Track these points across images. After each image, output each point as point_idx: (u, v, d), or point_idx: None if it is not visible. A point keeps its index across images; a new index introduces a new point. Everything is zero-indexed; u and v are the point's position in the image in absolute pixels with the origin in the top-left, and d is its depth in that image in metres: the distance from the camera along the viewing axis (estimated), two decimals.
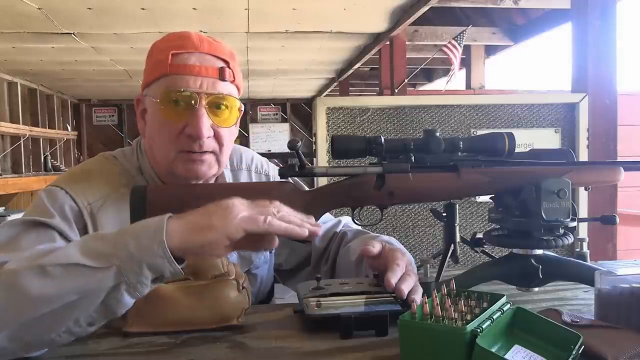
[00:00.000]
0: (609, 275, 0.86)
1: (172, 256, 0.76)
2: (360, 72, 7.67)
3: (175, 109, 1.02)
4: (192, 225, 0.79)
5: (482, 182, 0.98)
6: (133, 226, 0.80)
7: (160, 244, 0.75)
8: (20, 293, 0.73)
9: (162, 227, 0.77)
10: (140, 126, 1.12)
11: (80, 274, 0.74)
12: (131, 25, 4.58)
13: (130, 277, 0.75)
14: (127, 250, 0.75)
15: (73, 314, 0.76)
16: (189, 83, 1.01)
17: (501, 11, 5.66)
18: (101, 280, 0.75)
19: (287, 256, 1.28)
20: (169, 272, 0.77)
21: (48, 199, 1.01)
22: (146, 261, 0.75)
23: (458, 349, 0.67)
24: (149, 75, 1.07)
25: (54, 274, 0.74)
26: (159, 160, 1.08)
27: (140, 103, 1.11)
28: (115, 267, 0.75)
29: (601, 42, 2.02)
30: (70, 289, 0.74)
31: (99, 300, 0.76)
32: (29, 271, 0.75)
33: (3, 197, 5.47)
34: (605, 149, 1.99)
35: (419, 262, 1.06)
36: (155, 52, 1.07)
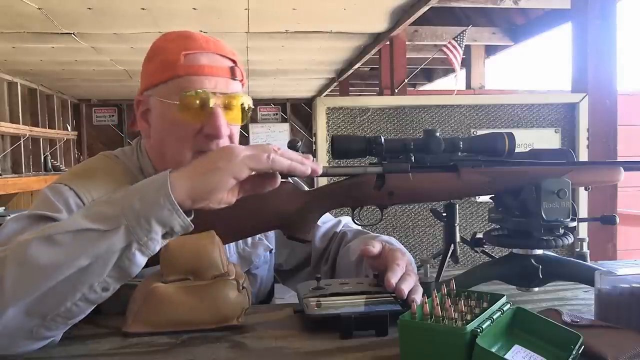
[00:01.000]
0: (609, 275, 0.86)
1: (180, 208, 0.77)
2: (360, 72, 7.67)
3: (192, 110, 1.01)
4: (196, 170, 0.80)
5: (482, 182, 0.98)
6: (136, 185, 0.80)
7: (166, 196, 0.76)
8: (31, 264, 0.73)
9: (166, 180, 0.78)
10: (142, 127, 1.10)
11: (89, 238, 0.75)
12: (131, 25, 4.58)
13: (140, 235, 0.76)
14: (133, 209, 0.76)
15: (87, 280, 0.75)
16: (204, 83, 1.02)
17: (501, 11, 5.66)
18: (111, 242, 0.75)
19: (287, 256, 1.28)
20: (179, 225, 0.78)
21: (53, 195, 1.01)
22: (154, 216, 0.76)
23: (458, 349, 0.67)
24: (156, 76, 1.05)
25: (62, 241, 0.74)
26: (169, 161, 1.07)
27: (141, 104, 1.10)
28: (123, 227, 0.75)
29: (601, 42, 2.03)
30: (81, 254, 0.74)
31: (111, 262, 0.76)
32: (37, 241, 0.75)
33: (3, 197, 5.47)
34: (605, 149, 1.99)
35: (419, 262, 1.06)
36: (161, 53, 1.06)
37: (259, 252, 1.20)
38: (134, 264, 0.77)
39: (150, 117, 1.09)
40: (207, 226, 0.90)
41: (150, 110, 1.08)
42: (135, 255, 0.77)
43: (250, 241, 1.20)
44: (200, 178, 0.80)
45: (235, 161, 0.80)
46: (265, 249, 1.23)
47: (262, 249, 1.21)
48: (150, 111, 1.08)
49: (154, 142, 1.09)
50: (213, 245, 0.90)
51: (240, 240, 1.17)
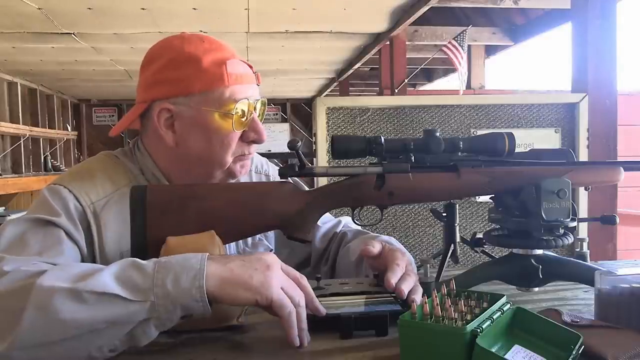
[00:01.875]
0: (609, 275, 0.86)
1: (207, 301, 0.77)
2: (360, 72, 7.67)
3: (240, 119, 1.04)
4: (232, 277, 0.80)
5: (482, 182, 0.98)
6: (173, 262, 0.79)
7: (199, 289, 0.76)
8: (52, 314, 0.73)
9: (203, 271, 0.77)
10: (166, 135, 1.05)
11: (114, 303, 0.74)
12: (131, 25, 4.58)
13: (162, 313, 0.76)
14: (164, 288, 0.76)
15: (98, 341, 0.75)
16: (247, 92, 1.05)
17: (501, 11, 5.66)
18: (133, 313, 0.75)
19: (287, 256, 1.28)
20: (199, 312, 0.78)
21: (52, 198, 1.00)
22: (181, 302, 0.76)
23: (458, 349, 0.67)
24: (194, 84, 1.01)
25: (88, 300, 0.74)
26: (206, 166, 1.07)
27: (164, 111, 1.04)
28: (150, 302, 0.75)
29: (601, 42, 2.03)
30: (102, 317, 0.74)
31: (126, 330, 0.76)
32: (63, 293, 0.74)
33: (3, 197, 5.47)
34: (605, 149, 1.99)
35: (419, 262, 1.06)
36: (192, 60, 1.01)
37: (258, 252, 1.20)
38: (146, 335, 0.78)
39: (178, 125, 1.04)
40: (207, 226, 0.90)
41: (180, 118, 1.04)
42: (151, 329, 0.77)
43: (250, 241, 1.19)
44: (232, 290, 0.79)
45: (268, 289, 0.80)
46: (265, 249, 1.22)
47: (261, 249, 1.21)
48: (180, 119, 1.04)
49: (184, 151, 1.05)
50: (213, 245, 0.90)
51: (241, 240, 1.17)
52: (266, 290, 0.79)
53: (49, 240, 0.93)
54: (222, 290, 0.79)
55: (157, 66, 1.04)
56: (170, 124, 1.05)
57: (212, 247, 0.90)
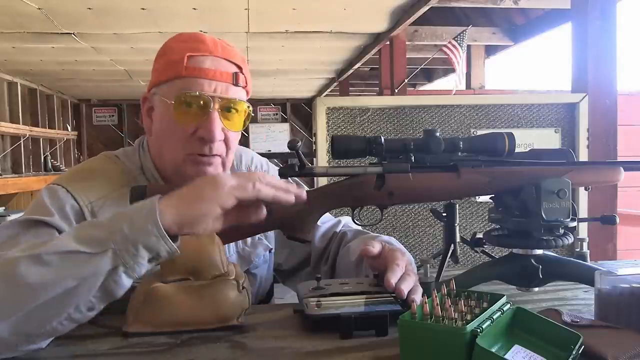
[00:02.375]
0: (609, 275, 0.86)
1: (166, 234, 0.78)
2: (360, 72, 7.67)
3: (189, 112, 1.03)
4: (184, 199, 0.82)
5: (482, 182, 0.98)
6: (125, 210, 0.81)
7: (154, 224, 0.77)
8: (18, 282, 0.74)
9: (155, 207, 0.78)
10: (146, 124, 1.12)
11: (77, 260, 0.75)
12: (131, 25, 4.58)
13: (127, 259, 0.76)
14: (121, 234, 0.76)
15: (73, 300, 0.76)
16: (203, 87, 1.02)
17: (501, 11, 5.66)
18: (98, 265, 0.75)
19: (287, 256, 1.28)
20: (165, 251, 0.79)
21: (49, 197, 1.02)
22: (141, 242, 0.77)
23: (458, 349, 0.67)
24: (161, 74, 1.06)
25: (50, 262, 0.75)
26: (166, 160, 1.08)
27: (147, 101, 1.11)
28: (111, 250, 0.76)
29: (601, 42, 2.02)
30: (68, 275, 0.75)
31: (97, 284, 0.76)
32: (25, 260, 0.75)
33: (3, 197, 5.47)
34: (605, 149, 1.99)
35: (419, 262, 1.06)
36: (169, 52, 1.07)
37: (258, 251, 1.21)
38: (119, 286, 0.78)
39: (153, 114, 1.10)
40: None
41: (154, 108, 1.09)
42: (122, 277, 0.77)
43: (249, 241, 1.20)
44: (187, 207, 0.81)
45: (222, 191, 0.82)
46: (265, 249, 1.23)
47: (261, 248, 1.21)
48: (154, 109, 1.10)
49: (154, 140, 1.11)
50: (213, 245, 0.90)
51: (240, 240, 1.17)
52: (221, 191, 0.81)
53: (40, 240, 0.93)
54: (180, 215, 0.80)
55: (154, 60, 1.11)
56: (150, 115, 1.10)
57: (212, 247, 0.90)
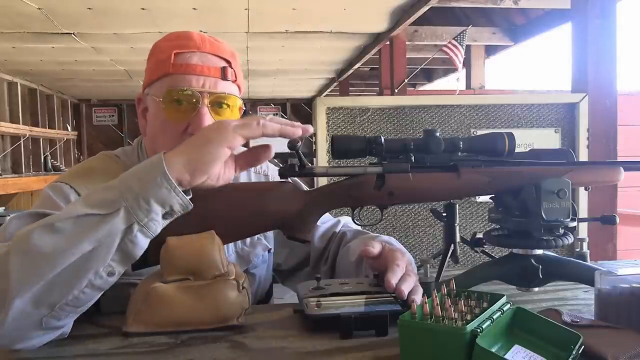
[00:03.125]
0: (609, 275, 0.86)
1: (177, 185, 0.78)
2: (360, 72, 7.67)
3: (178, 108, 1.03)
4: (190, 145, 0.82)
5: (482, 182, 0.98)
6: (133, 168, 0.81)
7: (163, 175, 0.77)
8: (35, 252, 0.73)
9: (161, 159, 0.78)
10: (142, 125, 1.12)
11: (90, 223, 0.75)
12: (131, 25, 4.58)
13: (140, 215, 0.76)
14: (132, 190, 0.76)
15: (91, 265, 0.76)
16: (191, 82, 1.02)
17: (501, 11, 5.66)
18: (112, 225, 0.75)
19: (286, 256, 1.28)
20: (178, 204, 0.79)
21: (54, 193, 1.03)
22: (153, 196, 0.76)
23: (458, 349, 0.67)
24: (151, 74, 1.07)
25: (64, 228, 0.75)
26: None
27: (141, 102, 1.12)
28: (123, 209, 0.75)
29: (601, 42, 2.02)
30: (83, 239, 0.74)
31: (114, 246, 0.76)
32: (39, 230, 0.75)
33: (3, 197, 5.47)
34: (605, 149, 1.99)
35: (419, 262, 1.06)
36: (157, 52, 1.08)
37: (257, 251, 1.21)
38: (136, 245, 0.78)
39: (147, 115, 1.10)
40: (207, 226, 0.90)
41: (148, 108, 1.10)
42: (137, 236, 0.77)
43: (248, 241, 1.20)
44: (195, 151, 0.81)
45: (227, 131, 0.82)
46: (264, 249, 1.23)
47: (260, 248, 1.21)
48: (148, 109, 1.10)
49: (149, 140, 1.11)
50: (213, 245, 0.90)
51: (240, 240, 1.17)
52: (226, 132, 0.81)
53: None
54: (189, 163, 0.80)
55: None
56: (145, 115, 1.11)
57: (212, 247, 0.90)
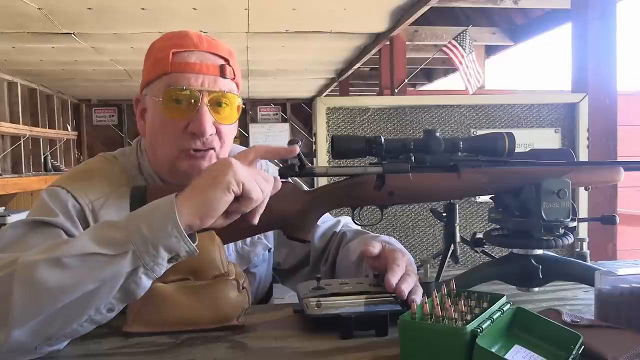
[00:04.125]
0: (609, 275, 0.86)
1: (186, 234, 0.77)
2: (360, 72, 7.66)
3: (178, 108, 1.02)
4: (199, 190, 0.81)
5: (482, 182, 0.98)
6: (143, 209, 0.80)
7: (174, 224, 0.76)
8: (39, 286, 0.73)
9: (173, 207, 0.77)
10: (140, 126, 1.12)
11: (96, 262, 0.74)
12: (131, 25, 4.58)
13: (147, 260, 0.76)
14: (141, 235, 0.76)
15: (93, 303, 0.75)
16: (190, 81, 1.02)
17: (501, 11, 5.66)
18: (118, 267, 0.75)
19: (286, 255, 1.28)
20: (185, 251, 0.78)
21: (50, 199, 1.01)
22: (161, 243, 0.76)
23: (458, 349, 0.67)
24: (149, 74, 1.07)
25: (70, 265, 0.74)
26: (161, 159, 1.08)
27: (139, 103, 1.11)
28: (131, 252, 0.75)
29: (601, 42, 2.02)
30: (89, 278, 0.74)
31: (117, 286, 0.76)
32: (45, 264, 0.74)
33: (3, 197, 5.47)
34: (605, 149, 1.99)
35: (419, 262, 1.06)
36: (155, 51, 1.07)
37: (257, 251, 1.21)
38: (139, 287, 0.78)
39: (146, 115, 1.10)
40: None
41: (146, 109, 1.10)
42: (142, 279, 0.77)
43: (248, 240, 1.20)
44: (202, 195, 0.80)
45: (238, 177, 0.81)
46: (264, 248, 1.23)
47: (260, 248, 1.21)
48: (146, 110, 1.10)
49: (148, 140, 1.11)
50: (213, 245, 0.90)
51: (240, 240, 1.17)
52: (236, 177, 0.80)
53: (48, 240, 0.93)
54: (196, 209, 0.79)
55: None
56: (143, 116, 1.11)
57: (212, 247, 0.90)
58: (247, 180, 0.81)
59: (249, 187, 0.81)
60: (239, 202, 0.83)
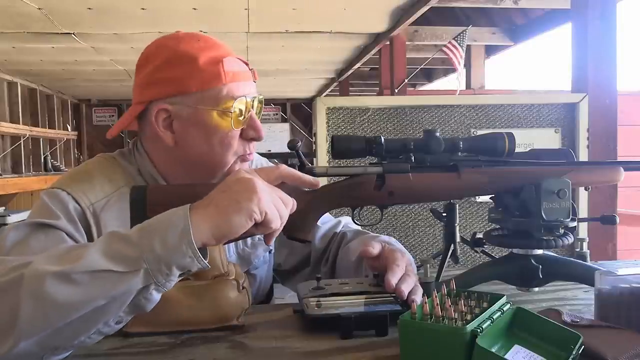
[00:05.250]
0: (609, 275, 0.86)
1: (200, 255, 0.75)
2: (360, 72, 7.66)
3: (239, 117, 1.02)
4: (220, 212, 0.77)
5: (482, 182, 0.98)
6: (157, 224, 0.77)
7: (189, 244, 0.74)
8: (47, 301, 0.71)
9: (188, 225, 0.75)
10: (164, 135, 1.04)
11: (107, 279, 0.73)
12: (131, 25, 4.58)
13: (159, 278, 0.74)
14: (154, 252, 0.73)
15: (102, 317, 0.75)
16: (245, 90, 1.03)
17: (501, 11, 5.66)
18: (130, 284, 0.73)
19: (287, 256, 1.28)
20: (196, 267, 0.77)
21: (51, 201, 1.00)
22: (175, 263, 0.74)
23: (458, 349, 0.67)
24: (191, 83, 1.00)
25: (80, 281, 0.72)
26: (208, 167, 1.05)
27: (162, 112, 1.03)
28: (143, 270, 0.73)
29: (601, 42, 2.02)
30: (99, 295, 0.73)
31: (128, 301, 0.75)
32: (54, 278, 0.72)
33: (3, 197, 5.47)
34: (605, 149, 1.99)
35: (419, 262, 1.06)
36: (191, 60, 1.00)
37: (258, 252, 1.20)
38: (150, 301, 0.77)
39: (175, 124, 1.03)
40: None
41: (178, 117, 1.03)
42: (152, 294, 0.76)
43: (249, 241, 1.19)
44: (222, 217, 0.77)
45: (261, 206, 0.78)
46: (265, 250, 1.22)
47: (261, 249, 1.21)
48: (178, 119, 1.03)
49: (184, 151, 1.05)
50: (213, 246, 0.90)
51: (241, 240, 1.17)
52: (260, 205, 0.78)
53: (51, 243, 0.93)
54: (216, 230, 0.76)
55: (153, 66, 1.03)
56: (168, 124, 1.04)
57: (212, 247, 0.90)
58: (270, 210, 0.79)
59: (271, 217, 0.79)
60: (257, 228, 0.81)
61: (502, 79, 18.18)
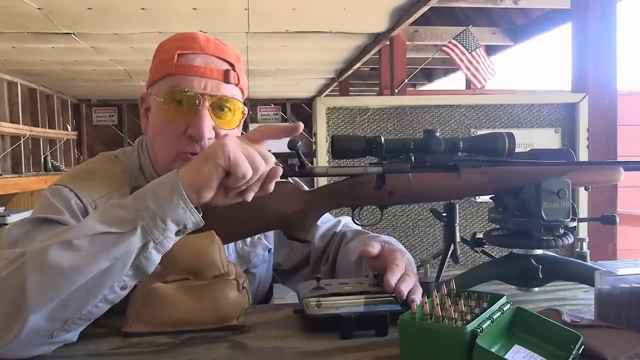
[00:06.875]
0: (609, 275, 0.86)
1: (192, 205, 0.79)
2: (360, 72, 7.67)
3: (178, 109, 1.03)
4: (196, 164, 0.82)
5: (482, 182, 0.98)
6: (148, 187, 0.82)
7: (180, 195, 0.78)
8: (52, 269, 0.74)
9: (177, 180, 0.79)
10: (144, 124, 1.13)
11: (107, 241, 0.76)
12: (131, 25, 4.58)
13: (156, 234, 0.78)
14: (148, 210, 0.78)
15: (107, 281, 0.77)
16: (192, 84, 1.02)
17: (501, 11, 5.66)
18: (129, 243, 0.76)
19: (286, 256, 1.28)
20: (191, 222, 0.80)
21: (54, 197, 1.01)
22: (169, 215, 0.78)
23: (458, 349, 0.67)
24: (154, 73, 1.08)
25: (81, 246, 0.75)
26: (159, 159, 1.08)
27: (144, 101, 1.12)
28: (140, 227, 0.77)
29: (601, 42, 2.03)
30: (101, 257, 0.75)
31: (129, 263, 0.77)
32: (56, 247, 0.75)
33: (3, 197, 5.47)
34: (605, 149, 1.99)
35: (419, 262, 1.06)
36: (162, 51, 1.08)
37: (257, 251, 1.21)
38: (150, 262, 0.79)
39: (149, 114, 1.10)
40: (207, 226, 0.90)
41: (150, 107, 1.10)
42: (152, 253, 0.79)
43: (249, 240, 1.20)
44: (195, 169, 0.81)
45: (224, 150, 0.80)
46: (264, 249, 1.23)
47: (260, 248, 1.21)
48: (150, 109, 1.10)
49: (149, 139, 1.11)
50: (213, 245, 0.90)
51: (240, 240, 1.17)
52: (224, 150, 0.80)
53: None
54: (193, 182, 0.80)
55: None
56: (145, 111, 1.12)
57: (212, 247, 0.90)
58: (236, 155, 0.80)
59: (236, 162, 0.80)
60: (229, 178, 0.82)
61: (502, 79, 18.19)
